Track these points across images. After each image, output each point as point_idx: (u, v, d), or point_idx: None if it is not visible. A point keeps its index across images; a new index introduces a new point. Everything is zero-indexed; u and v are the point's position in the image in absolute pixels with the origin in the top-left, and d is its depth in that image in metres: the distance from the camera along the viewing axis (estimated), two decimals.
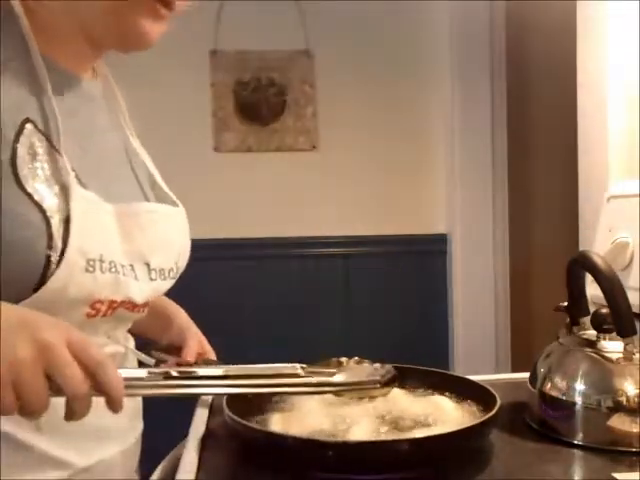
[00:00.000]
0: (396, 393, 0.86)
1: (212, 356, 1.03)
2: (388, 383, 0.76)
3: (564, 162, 1.66)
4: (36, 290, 0.68)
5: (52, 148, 0.72)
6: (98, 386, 0.59)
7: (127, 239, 0.79)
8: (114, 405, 0.60)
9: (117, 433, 0.83)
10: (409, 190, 2.27)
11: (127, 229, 0.79)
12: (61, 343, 0.57)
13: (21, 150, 0.69)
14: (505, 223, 2.23)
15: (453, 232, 2.22)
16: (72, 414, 0.59)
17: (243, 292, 2.18)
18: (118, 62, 0.88)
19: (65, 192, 0.71)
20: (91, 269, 0.72)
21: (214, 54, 2.17)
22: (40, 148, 0.71)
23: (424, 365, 0.93)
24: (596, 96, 1.27)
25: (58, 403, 0.68)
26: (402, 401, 0.84)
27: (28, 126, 0.70)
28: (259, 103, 2.18)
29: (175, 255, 0.88)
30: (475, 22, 2.15)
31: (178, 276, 0.90)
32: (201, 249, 2.21)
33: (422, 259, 2.26)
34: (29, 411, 0.57)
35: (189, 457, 0.74)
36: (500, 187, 2.21)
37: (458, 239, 2.21)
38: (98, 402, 0.64)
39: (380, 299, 2.23)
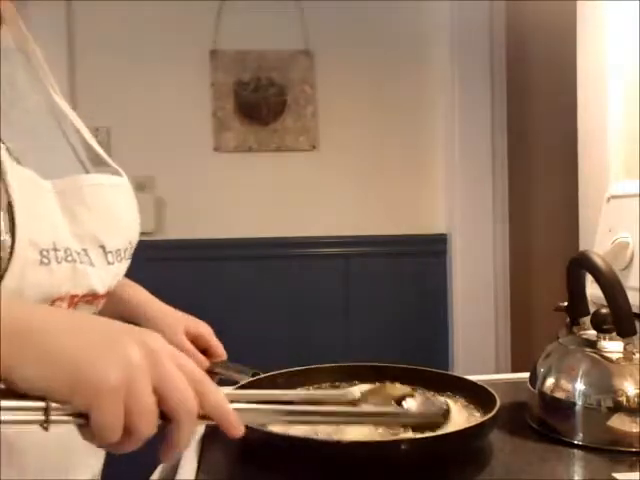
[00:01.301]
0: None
1: (211, 337, 0.95)
2: (445, 415, 0.74)
3: (564, 162, 1.66)
4: None
5: None
6: (204, 408, 0.50)
7: (74, 221, 0.68)
8: (232, 430, 0.52)
9: (82, 463, 0.75)
10: (409, 190, 2.27)
11: (72, 209, 0.68)
12: (168, 355, 0.49)
13: None
14: (505, 223, 2.23)
15: (453, 232, 2.22)
16: (176, 445, 0.50)
17: (243, 292, 2.18)
18: (119, 63, 0.88)
19: (0, 173, 0.60)
20: (46, 261, 0.62)
21: (214, 54, 2.17)
22: None
23: (424, 365, 0.93)
24: (596, 96, 1.27)
25: (19, 441, 0.63)
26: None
27: None
28: (259, 103, 2.18)
29: (128, 232, 0.76)
30: (475, 22, 2.15)
31: (131, 255, 0.78)
32: (201, 249, 2.22)
33: (422, 259, 2.26)
34: (135, 437, 0.48)
35: (189, 457, 0.74)
36: (500, 187, 2.21)
37: (458, 239, 2.20)
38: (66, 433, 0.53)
39: (380, 299, 2.23)
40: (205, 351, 0.96)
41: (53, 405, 0.46)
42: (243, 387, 0.86)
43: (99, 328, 0.50)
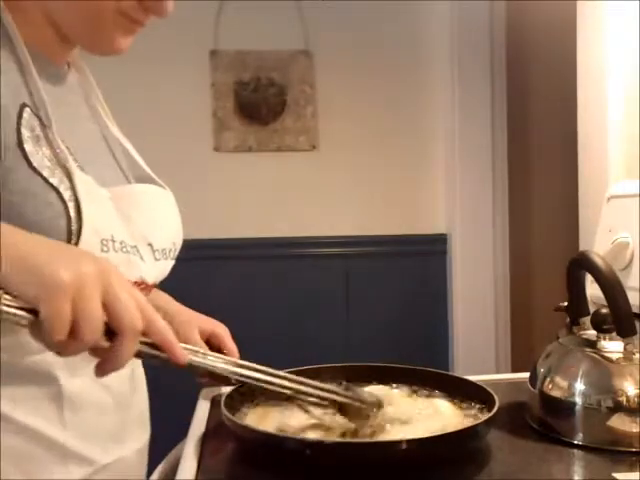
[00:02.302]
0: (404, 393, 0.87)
1: (226, 338, 1.01)
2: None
3: (564, 162, 1.66)
4: None
5: (48, 132, 0.72)
6: (150, 332, 0.57)
7: (127, 221, 0.78)
8: (175, 352, 0.58)
9: (132, 432, 0.83)
10: (409, 190, 2.27)
11: (125, 211, 0.79)
12: (121, 280, 0.56)
13: (25, 133, 0.69)
14: (505, 223, 2.23)
15: (453, 232, 2.22)
16: (115, 360, 0.56)
17: (243, 292, 2.18)
18: (118, 63, 0.88)
19: (68, 175, 0.71)
20: (106, 249, 0.72)
21: (214, 54, 2.17)
22: (40, 132, 0.71)
23: (424, 365, 0.93)
24: (596, 96, 1.27)
25: (79, 397, 0.73)
26: (402, 402, 0.84)
27: (27, 110, 0.71)
28: (259, 103, 2.18)
29: (172, 234, 0.88)
30: (475, 22, 2.15)
31: (176, 257, 0.89)
32: (201, 249, 2.22)
33: (422, 259, 2.26)
34: (78, 340, 0.53)
35: (189, 457, 0.74)
36: (500, 187, 2.21)
37: (458, 239, 2.20)
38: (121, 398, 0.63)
39: (380, 299, 2.23)
40: (220, 351, 1.00)
41: (5, 296, 0.51)
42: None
43: (61, 244, 0.60)
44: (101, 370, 0.57)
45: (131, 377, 0.84)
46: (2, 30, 0.73)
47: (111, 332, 0.55)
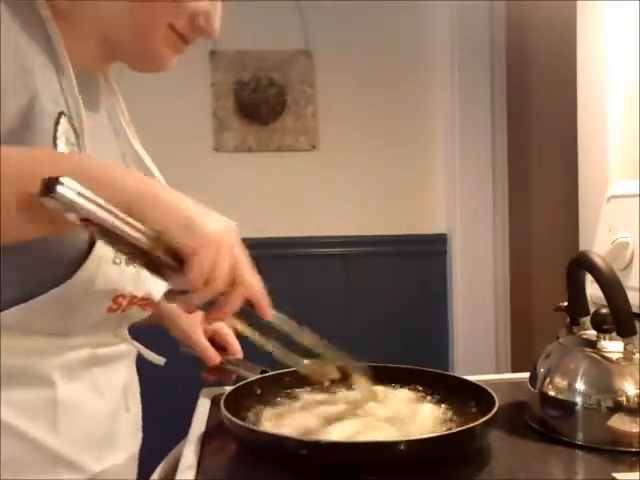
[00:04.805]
0: (403, 394, 0.87)
1: (228, 336, 1.04)
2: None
3: (564, 162, 1.66)
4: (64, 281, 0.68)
5: (80, 142, 0.73)
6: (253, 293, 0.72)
7: None
8: (265, 308, 0.77)
9: (125, 440, 0.83)
10: (409, 190, 2.27)
11: None
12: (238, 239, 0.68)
13: (60, 141, 0.70)
14: (505, 223, 2.23)
15: (453, 232, 2.22)
16: (224, 307, 0.67)
17: None
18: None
19: None
20: (118, 261, 0.73)
21: (214, 54, 2.17)
22: (75, 141, 0.72)
23: (424, 365, 0.93)
24: (596, 96, 1.27)
25: (74, 403, 0.73)
26: (397, 403, 0.85)
27: (64, 118, 0.72)
28: (259, 103, 2.18)
29: None
30: (475, 22, 2.15)
31: None
32: None
33: (422, 259, 2.26)
34: (211, 286, 0.63)
35: (189, 457, 0.75)
36: (500, 187, 2.21)
37: (458, 239, 2.20)
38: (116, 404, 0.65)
39: (380, 299, 2.23)
40: (223, 348, 1.03)
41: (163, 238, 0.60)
42: (250, 382, 0.92)
43: (200, 207, 0.69)
44: (212, 316, 0.69)
45: (126, 383, 0.84)
46: (47, 39, 0.73)
47: None
